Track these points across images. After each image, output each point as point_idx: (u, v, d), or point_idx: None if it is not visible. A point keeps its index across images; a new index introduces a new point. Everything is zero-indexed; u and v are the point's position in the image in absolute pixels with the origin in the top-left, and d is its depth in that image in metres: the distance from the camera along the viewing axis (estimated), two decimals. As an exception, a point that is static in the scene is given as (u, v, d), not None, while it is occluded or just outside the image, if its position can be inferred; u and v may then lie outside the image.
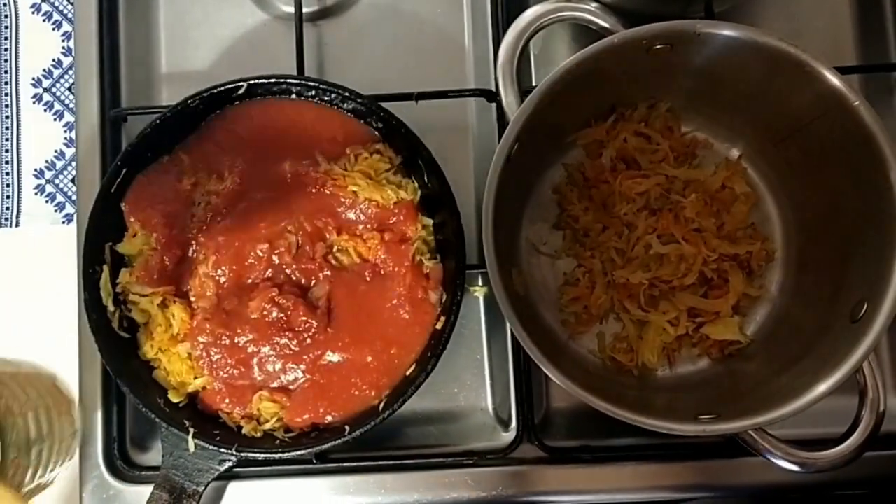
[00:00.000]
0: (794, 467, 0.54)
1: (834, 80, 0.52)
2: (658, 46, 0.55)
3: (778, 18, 0.72)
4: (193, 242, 0.64)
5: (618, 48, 0.54)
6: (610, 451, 0.67)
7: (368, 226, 0.64)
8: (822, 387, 0.51)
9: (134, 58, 0.74)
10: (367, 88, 0.71)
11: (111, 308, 0.62)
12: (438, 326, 0.62)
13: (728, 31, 0.54)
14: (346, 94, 0.63)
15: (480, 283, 0.69)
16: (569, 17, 0.57)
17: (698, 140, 0.66)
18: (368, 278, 0.63)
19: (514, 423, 0.68)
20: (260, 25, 0.75)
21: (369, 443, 0.68)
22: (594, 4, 0.57)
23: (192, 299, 0.63)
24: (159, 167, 0.64)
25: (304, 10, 0.74)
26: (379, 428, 0.68)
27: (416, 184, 0.65)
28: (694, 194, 0.65)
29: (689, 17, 0.69)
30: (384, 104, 0.68)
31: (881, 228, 0.53)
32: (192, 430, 0.60)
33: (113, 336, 0.62)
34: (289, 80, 0.64)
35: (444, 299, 0.63)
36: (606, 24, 0.56)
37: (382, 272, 0.64)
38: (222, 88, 0.63)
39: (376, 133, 0.65)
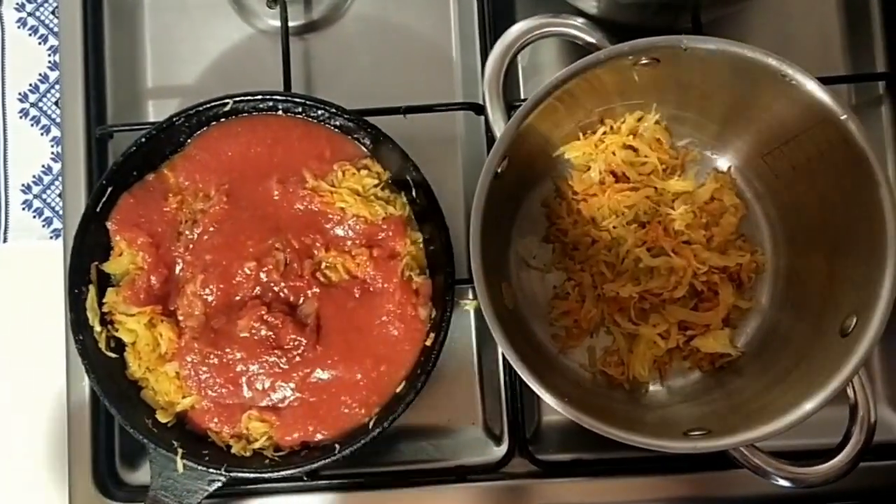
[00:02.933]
0: (786, 483, 0.54)
1: (820, 93, 0.52)
2: (644, 61, 0.55)
3: (766, 28, 0.72)
4: (180, 261, 0.63)
5: (604, 64, 0.54)
6: (603, 465, 0.67)
7: (357, 242, 0.64)
8: (810, 404, 0.51)
9: (120, 73, 0.74)
10: (355, 102, 0.71)
11: (98, 328, 0.62)
12: (428, 343, 0.62)
13: (713, 45, 0.53)
14: (333, 110, 0.63)
15: (471, 297, 0.69)
16: (555, 32, 0.56)
17: (687, 152, 0.66)
18: (357, 295, 0.63)
19: (505, 438, 0.68)
20: (247, 39, 0.75)
21: (360, 459, 0.67)
22: (581, 20, 0.57)
23: (180, 318, 0.63)
24: (145, 186, 0.64)
25: (291, 23, 0.73)
26: (370, 444, 0.69)
27: (405, 199, 0.65)
28: (683, 206, 0.64)
29: (677, 29, 0.69)
30: (372, 118, 0.68)
31: (869, 242, 0.53)
32: (180, 451, 0.60)
33: (100, 356, 0.62)
34: (275, 97, 0.63)
35: (433, 315, 0.62)
36: (593, 40, 0.56)
37: (371, 289, 0.63)
38: (207, 106, 0.63)
39: (364, 148, 0.65)
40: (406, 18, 0.74)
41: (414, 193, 0.64)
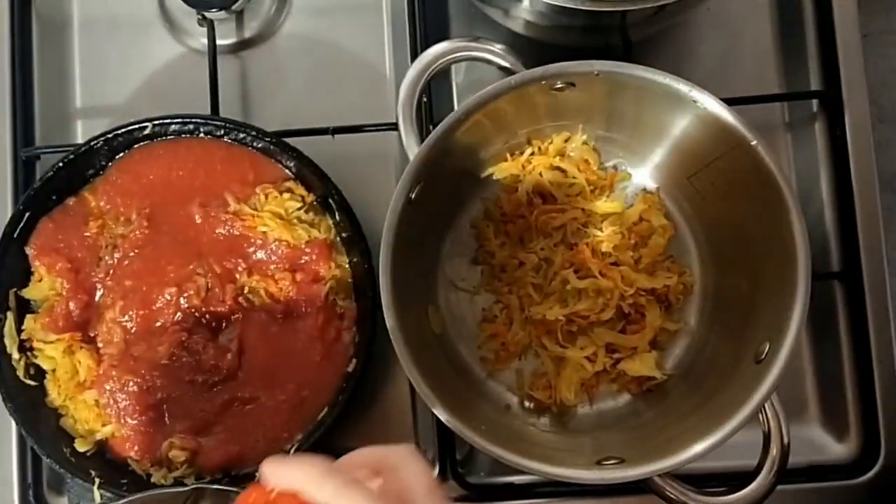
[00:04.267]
0: (700, 513, 0.54)
1: (730, 118, 0.52)
2: (559, 85, 0.55)
3: (700, 47, 0.72)
4: (100, 287, 0.63)
5: (517, 89, 0.53)
6: (534, 488, 0.67)
7: (280, 266, 0.63)
8: (716, 436, 0.51)
9: (49, 93, 0.73)
10: (288, 121, 0.70)
11: (16, 356, 0.61)
12: (350, 369, 0.61)
13: (625, 71, 0.53)
14: (254, 132, 0.63)
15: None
16: (468, 56, 0.56)
17: (616, 173, 0.66)
18: (281, 320, 0.63)
19: (436, 461, 0.67)
20: (179, 58, 0.74)
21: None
22: (499, 46, 0.56)
23: (100, 345, 0.62)
24: (65, 210, 0.63)
25: (223, 41, 0.73)
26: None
27: (331, 222, 0.64)
28: (611, 228, 0.64)
29: (610, 48, 0.69)
30: (301, 139, 0.67)
31: (783, 267, 0.53)
32: (97, 480, 0.59)
33: (18, 384, 0.61)
34: (195, 120, 0.63)
35: (357, 340, 0.62)
36: (507, 64, 0.55)
37: (295, 313, 0.63)
38: (126, 129, 0.62)
39: (288, 171, 0.64)
40: (339, 36, 0.73)
41: (337, 216, 0.63)
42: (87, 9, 0.74)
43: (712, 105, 0.52)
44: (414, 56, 0.69)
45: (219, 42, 0.72)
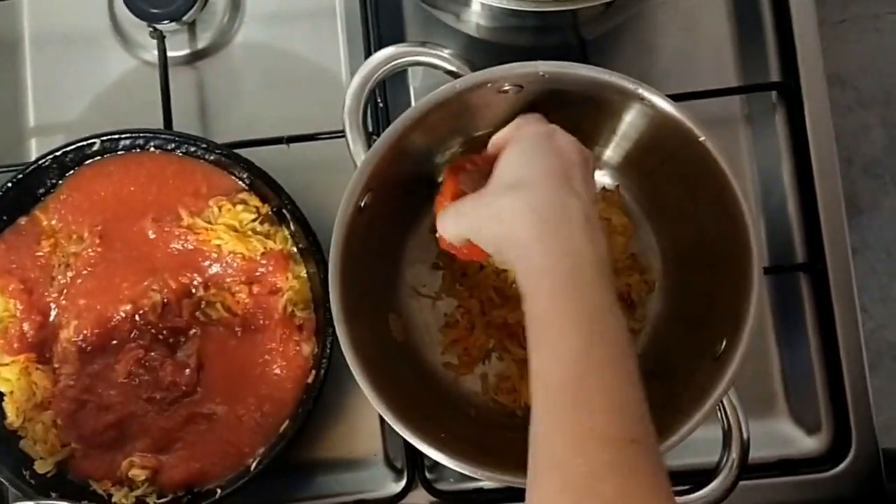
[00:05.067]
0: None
1: (678, 115, 0.51)
2: (507, 87, 0.54)
3: (656, 43, 0.71)
4: (55, 307, 0.62)
5: (463, 93, 0.53)
6: (502, 493, 0.66)
7: (236, 279, 0.62)
8: (674, 436, 0.50)
9: (1, 113, 0.72)
10: (245, 131, 0.70)
11: (-29, 379, 0.60)
12: (309, 381, 0.60)
13: (571, 71, 0.52)
14: (204, 145, 0.62)
15: (367, 326, 0.68)
16: (414, 62, 0.55)
17: (574, 172, 0.65)
18: (239, 333, 0.62)
19: (405, 468, 0.66)
20: (132, 72, 0.73)
21: (260, 498, 0.66)
22: (446, 51, 0.55)
23: (56, 365, 0.61)
24: (17, 230, 0.62)
25: (177, 53, 0.72)
26: (274, 482, 0.67)
27: (288, 232, 0.64)
28: (571, 228, 0.63)
29: (566, 47, 0.69)
30: (256, 149, 0.67)
31: (738, 263, 0.52)
32: (58, 502, 0.58)
33: (-25, 408, 0.60)
34: (144, 134, 0.62)
35: (315, 352, 0.61)
36: (453, 68, 0.55)
37: (253, 326, 0.62)
38: (74, 147, 0.61)
39: (241, 182, 0.64)
40: (294, 44, 0.73)
41: (292, 227, 0.62)
42: (39, 25, 0.73)
43: (660, 102, 0.51)
44: (368, 61, 0.69)
45: (172, 53, 0.71)
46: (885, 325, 1.40)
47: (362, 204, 0.54)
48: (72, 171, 0.63)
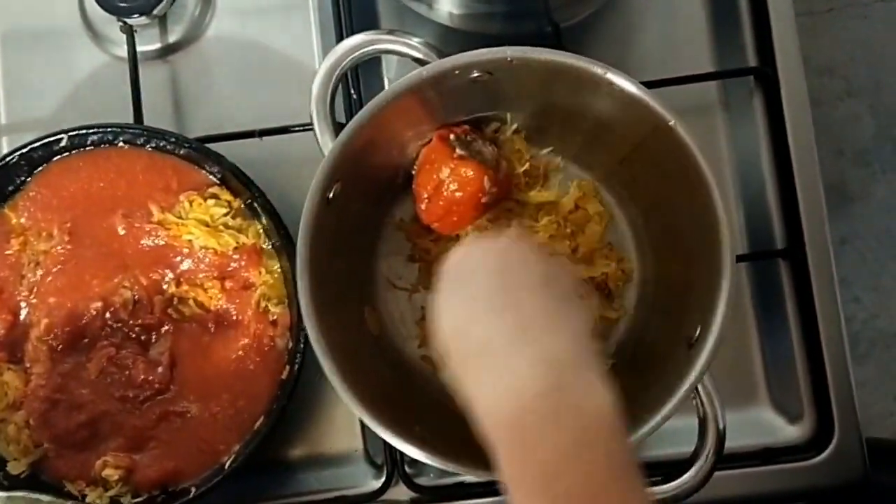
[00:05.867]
0: None
1: (647, 99, 0.51)
2: (476, 74, 0.53)
3: (632, 29, 0.70)
4: (25, 305, 0.61)
5: (430, 80, 0.52)
6: (482, 487, 0.65)
7: (209, 274, 0.61)
8: (647, 424, 0.49)
9: (-28, 111, 0.71)
10: (218, 125, 0.69)
11: (-59, 380, 0.60)
12: (284, 376, 0.60)
13: (538, 56, 0.51)
14: (175, 139, 0.61)
15: (344, 320, 0.67)
16: (382, 50, 0.54)
17: (549, 161, 0.64)
18: (212, 329, 0.61)
19: (385, 465, 0.66)
20: (103, 67, 0.72)
21: (239, 495, 0.65)
22: (415, 39, 0.55)
23: (27, 365, 0.60)
24: (-15, 229, 0.62)
25: (148, 47, 0.71)
26: (253, 479, 0.67)
27: (260, 227, 0.63)
28: (546, 217, 0.63)
29: (541, 34, 0.68)
30: (228, 143, 0.66)
31: (711, 249, 0.51)
32: (29, 504, 0.58)
33: (-55, 409, 0.60)
34: (113, 129, 0.61)
35: (290, 346, 0.61)
36: (421, 56, 0.54)
37: (226, 322, 0.61)
38: (42, 143, 0.60)
39: (213, 177, 0.63)
40: (267, 36, 0.72)
41: (265, 221, 0.62)
42: (8, 22, 0.72)
43: (628, 87, 0.51)
44: (343, 52, 0.68)
45: (144, 48, 0.70)
46: (877, 314, 1.39)
47: (330, 195, 0.53)
48: (40, 168, 0.62)
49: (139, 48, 0.69)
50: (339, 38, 0.68)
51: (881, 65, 1.45)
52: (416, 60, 0.54)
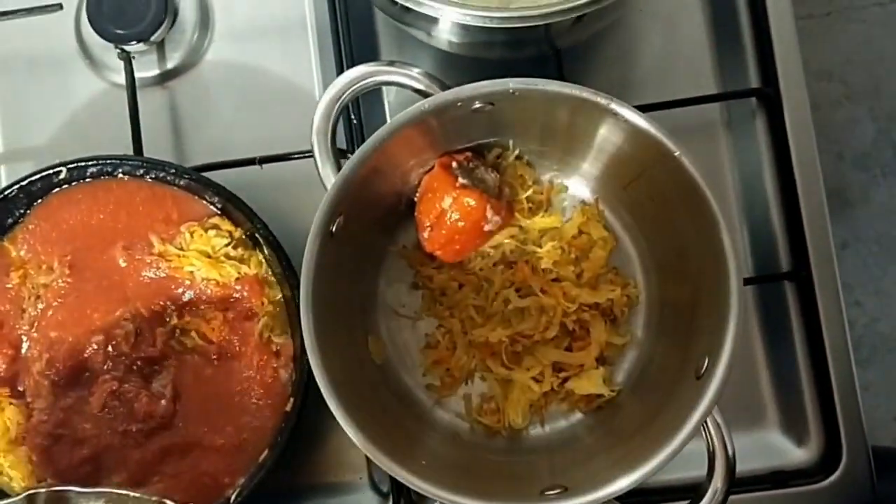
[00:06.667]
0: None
1: (652, 130, 0.50)
2: (478, 105, 0.53)
3: (633, 50, 0.70)
4: (26, 339, 0.60)
5: (432, 112, 0.52)
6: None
7: (210, 305, 0.61)
8: (655, 460, 0.49)
9: (-31, 140, 0.71)
10: (217, 152, 0.68)
11: (-58, 416, 0.59)
12: (288, 408, 0.59)
13: (541, 87, 0.51)
14: (174, 170, 0.60)
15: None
16: (383, 81, 0.54)
17: (552, 187, 0.64)
18: (215, 361, 0.61)
19: (391, 492, 0.65)
20: (101, 95, 0.71)
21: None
22: (416, 70, 0.54)
23: (29, 399, 0.60)
24: (-16, 262, 0.61)
25: (146, 73, 0.71)
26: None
27: (262, 256, 0.62)
28: (550, 243, 0.62)
29: (542, 58, 0.67)
30: (227, 171, 0.66)
31: (718, 278, 0.51)
32: (33, 541, 0.57)
33: (-53, 446, 0.59)
34: (111, 160, 0.60)
35: (294, 378, 0.60)
36: (422, 87, 0.53)
37: (229, 353, 0.61)
38: (41, 175, 0.60)
39: (213, 207, 0.62)
40: (266, 61, 0.71)
41: (266, 251, 0.61)
42: (4, 49, 0.72)
43: (632, 117, 0.50)
44: (342, 78, 0.67)
45: (142, 74, 0.70)
46: (878, 318, 1.39)
47: (333, 229, 0.53)
48: (39, 200, 0.62)
49: (137, 74, 0.69)
50: (340, 66, 0.68)
51: (879, 68, 1.44)
52: (418, 91, 0.54)
